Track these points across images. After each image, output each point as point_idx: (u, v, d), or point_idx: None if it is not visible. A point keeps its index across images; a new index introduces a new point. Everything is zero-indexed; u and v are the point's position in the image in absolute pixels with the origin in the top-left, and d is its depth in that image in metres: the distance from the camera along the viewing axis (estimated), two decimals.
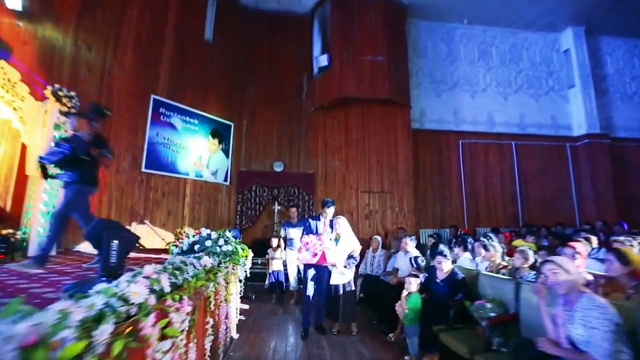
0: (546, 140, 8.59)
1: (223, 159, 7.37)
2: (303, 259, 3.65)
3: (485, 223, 7.85)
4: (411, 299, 3.00)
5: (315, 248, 3.56)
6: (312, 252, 3.56)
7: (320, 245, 3.60)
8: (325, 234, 3.85)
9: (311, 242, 3.59)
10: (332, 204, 3.94)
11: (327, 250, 3.60)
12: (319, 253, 3.55)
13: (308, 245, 3.59)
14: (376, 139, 7.45)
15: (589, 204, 8.25)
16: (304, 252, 3.66)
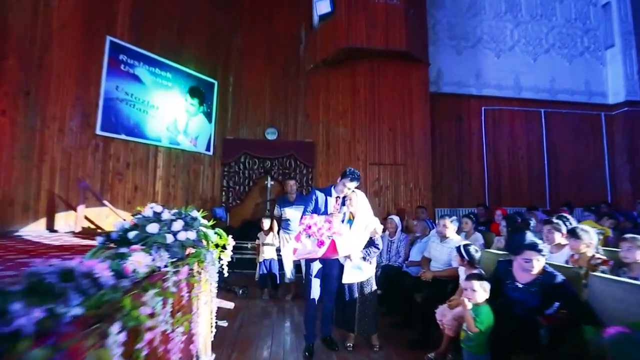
0: (579, 109, 7.50)
1: (205, 123, 6.13)
2: (303, 251, 2.55)
3: (509, 202, 6.85)
4: (480, 315, 1.95)
5: (321, 234, 2.46)
6: (317, 241, 2.46)
7: (328, 230, 2.50)
8: (337, 215, 2.76)
9: (316, 225, 2.49)
10: (357, 178, 2.82)
11: (338, 237, 2.52)
12: (326, 241, 2.45)
13: (310, 230, 2.48)
14: (388, 102, 6.25)
15: (623, 181, 7.30)
16: (304, 239, 2.56)
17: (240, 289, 4.20)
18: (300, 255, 2.55)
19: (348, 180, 2.79)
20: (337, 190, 2.89)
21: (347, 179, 2.80)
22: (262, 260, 4.25)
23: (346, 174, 2.82)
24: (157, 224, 1.67)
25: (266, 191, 6.58)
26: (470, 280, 2.03)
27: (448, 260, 3.03)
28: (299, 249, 2.57)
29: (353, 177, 2.79)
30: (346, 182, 2.80)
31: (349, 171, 2.83)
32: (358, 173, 2.84)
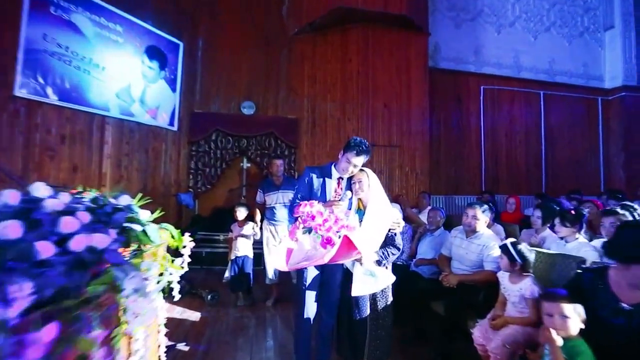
0: (576, 92, 7.12)
1: (167, 93, 5.10)
2: (299, 254, 1.75)
3: (505, 189, 6.40)
4: (578, 355, 1.27)
5: (328, 229, 1.69)
6: (323, 239, 1.69)
7: (336, 223, 1.73)
8: (340, 204, 2.00)
9: (321, 215, 1.71)
10: (367, 150, 2.06)
11: (350, 232, 1.76)
12: (336, 239, 1.68)
13: (314, 222, 1.71)
14: (384, 75, 5.50)
15: (617, 168, 7.07)
16: (301, 236, 1.78)
17: (209, 294, 3.39)
18: (297, 261, 1.76)
19: (354, 153, 2.03)
20: (340, 169, 2.13)
21: (352, 151, 2.03)
22: (234, 257, 3.45)
23: (351, 146, 2.05)
24: (20, 222, 0.82)
25: (242, 175, 5.71)
26: (557, 302, 1.36)
27: (478, 260, 2.38)
28: (294, 251, 1.79)
29: (360, 149, 2.03)
30: (351, 156, 2.03)
31: (355, 141, 2.06)
32: (367, 144, 2.08)
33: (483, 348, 1.93)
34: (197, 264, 4.97)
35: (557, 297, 1.35)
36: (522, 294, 1.89)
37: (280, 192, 3.49)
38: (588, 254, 2.17)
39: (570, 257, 1.98)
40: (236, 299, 3.39)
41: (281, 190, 3.49)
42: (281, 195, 3.48)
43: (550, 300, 1.35)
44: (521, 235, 2.95)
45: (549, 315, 1.34)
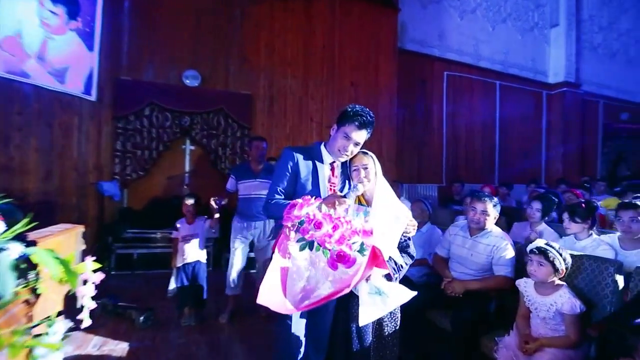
0: (526, 85, 7.40)
1: (80, 50, 3.92)
2: (300, 282, 1.14)
3: (464, 178, 6.40)
4: None
5: (340, 239, 1.09)
6: (332, 255, 1.09)
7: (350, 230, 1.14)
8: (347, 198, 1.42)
9: (328, 220, 1.11)
10: (372, 122, 1.52)
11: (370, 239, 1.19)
12: (356, 255, 1.10)
13: (315, 233, 1.09)
14: (351, 51, 4.96)
15: (555, 161, 7.57)
16: (296, 254, 1.16)
17: (142, 314, 2.57)
18: (299, 293, 1.13)
19: (354, 126, 1.47)
20: (335, 150, 1.54)
21: (351, 124, 1.47)
22: (182, 264, 2.68)
23: (349, 115, 1.48)
24: None
25: (184, 159, 4.78)
26: None
27: (486, 263, 2.00)
28: (290, 276, 1.16)
29: (363, 119, 1.47)
30: (351, 130, 1.47)
31: (354, 110, 1.49)
32: (371, 113, 1.52)
33: None
34: (126, 268, 4.02)
35: None
36: (558, 309, 1.53)
37: (259, 181, 2.78)
38: (606, 253, 1.91)
39: (605, 260, 1.67)
40: (180, 317, 2.64)
41: (260, 179, 2.79)
42: (260, 184, 2.77)
43: None
44: (513, 229, 2.69)
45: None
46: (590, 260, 1.72)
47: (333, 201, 1.31)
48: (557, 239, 2.38)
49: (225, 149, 4.71)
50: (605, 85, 8.44)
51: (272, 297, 1.09)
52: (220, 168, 4.68)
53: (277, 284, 1.12)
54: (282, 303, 1.09)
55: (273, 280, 1.14)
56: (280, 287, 1.12)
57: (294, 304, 1.08)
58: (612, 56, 8.63)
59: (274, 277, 1.14)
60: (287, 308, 1.08)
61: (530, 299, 1.65)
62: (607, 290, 1.62)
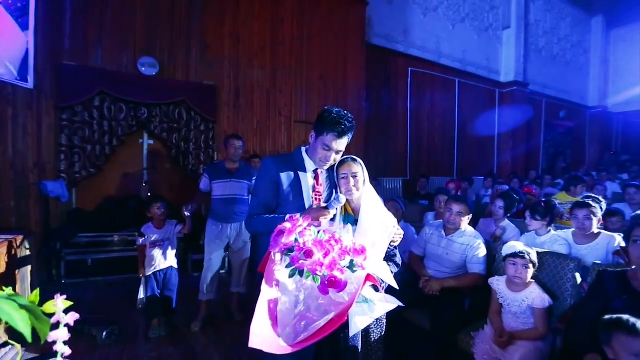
0: (482, 83, 7.85)
1: (10, 29, 3.39)
2: (291, 312, 1.06)
3: (424, 171, 6.68)
4: None
5: (331, 265, 1.03)
6: (324, 280, 1.04)
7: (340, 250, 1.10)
8: (330, 209, 1.37)
9: (319, 247, 1.04)
10: (352, 127, 1.46)
11: (364, 260, 1.16)
12: (351, 280, 1.05)
13: (306, 263, 1.03)
14: (320, 42, 4.87)
15: (505, 153, 8.19)
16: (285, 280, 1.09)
17: (104, 330, 2.34)
18: (291, 325, 1.05)
19: (334, 136, 1.41)
20: (317, 160, 1.48)
21: (331, 133, 1.40)
22: (151, 273, 2.48)
23: (327, 123, 1.41)
24: None
25: (142, 154, 4.42)
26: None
27: (460, 262, 2.09)
28: (280, 306, 1.08)
29: (343, 127, 1.40)
30: (331, 140, 1.42)
31: (332, 116, 1.41)
32: (351, 117, 1.47)
33: None
34: (80, 276, 3.66)
35: None
36: (530, 304, 1.64)
37: (235, 181, 2.63)
38: (562, 248, 2.10)
39: (565, 257, 1.82)
40: (149, 329, 2.45)
41: (235, 179, 2.64)
42: (235, 185, 2.62)
43: (635, 335, 1.05)
44: (479, 225, 2.85)
45: (635, 355, 1.04)
46: (553, 257, 1.87)
47: (316, 216, 1.26)
48: (519, 234, 2.57)
49: (188, 144, 4.41)
50: (547, 86, 9.26)
51: (264, 337, 1.00)
52: (183, 164, 4.39)
53: (267, 321, 1.05)
54: (276, 342, 1.00)
55: (262, 316, 1.05)
56: (270, 324, 1.04)
57: (288, 340, 1.01)
58: (553, 59, 9.45)
59: (263, 313, 1.06)
60: (281, 346, 1.00)
61: (502, 296, 1.75)
62: (568, 285, 1.77)
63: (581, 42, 10.32)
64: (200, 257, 3.14)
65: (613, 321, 1.14)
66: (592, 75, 10.66)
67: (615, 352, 1.10)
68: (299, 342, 1.00)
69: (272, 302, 1.09)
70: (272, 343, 0.99)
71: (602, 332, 1.16)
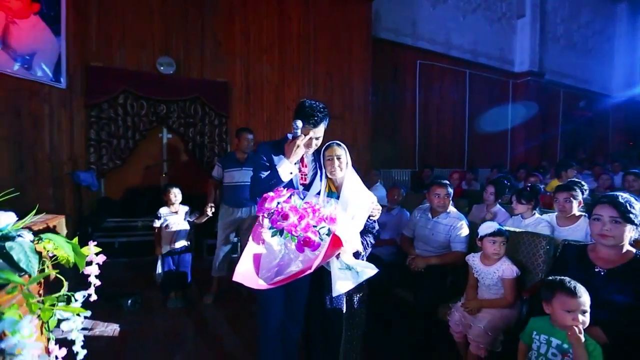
0: (494, 74, 7.77)
1: (46, 35, 3.78)
2: (273, 262, 1.31)
3: (434, 163, 6.75)
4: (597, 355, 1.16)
5: (305, 227, 1.26)
6: (300, 240, 1.26)
7: (314, 216, 1.32)
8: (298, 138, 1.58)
9: (294, 212, 1.28)
10: (325, 116, 1.67)
11: (334, 225, 1.38)
12: (317, 240, 1.27)
13: (283, 224, 1.27)
14: (326, 38, 5.05)
15: (519, 145, 8.09)
16: (269, 240, 1.34)
17: (129, 299, 2.69)
18: (270, 272, 1.31)
19: (310, 126, 1.61)
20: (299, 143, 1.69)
21: (306, 125, 1.60)
22: (168, 252, 2.81)
23: (301, 116, 1.61)
24: None
25: (161, 148, 4.78)
26: (581, 297, 1.21)
27: (445, 241, 2.26)
28: (263, 257, 1.34)
29: (316, 118, 1.60)
30: (309, 130, 1.61)
31: (305, 109, 1.61)
32: (322, 106, 1.67)
33: (460, 335, 1.83)
34: (108, 257, 4.03)
35: (579, 290, 1.22)
36: (500, 275, 1.81)
37: (245, 169, 2.93)
38: (544, 230, 2.22)
39: (540, 235, 1.96)
40: (166, 301, 2.77)
41: (245, 168, 2.93)
42: (245, 173, 2.92)
43: (573, 296, 1.21)
44: (472, 211, 2.99)
45: (569, 312, 1.20)
46: (528, 236, 2.02)
47: (289, 148, 1.53)
48: (508, 218, 2.70)
49: (203, 138, 4.73)
50: (566, 75, 9.01)
51: (246, 275, 1.26)
52: (199, 157, 4.72)
53: (251, 265, 1.30)
54: (255, 280, 1.26)
55: (247, 262, 1.31)
56: (253, 267, 1.30)
57: (267, 280, 1.26)
58: (572, 47, 9.16)
59: (247, 259, 1.32)
60: (260, 284, 1.25)
61: (477, 270, 1.92)
62: (540, 260, 1.92)
63: (604, 29, 9.93)
64: (214, 241, 3.45)
65: (556, 282, 1.30)
66: (617, 64, 10.24)
67: (552, 308, 1.27)
68: (274, 282, 1.24)
69: (257, 255, 1.33)
70: (252, 281, 1.25)
71: (545, 290, 1.33)
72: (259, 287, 1.25)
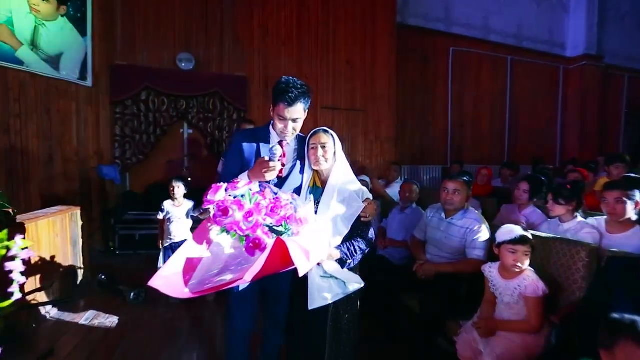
0: (541, 59, 6.95)
1: (73, 36, 3.97)
2: (216, 264, 1.14)
3: (469, 159, 6.21)
4: None
5: (254, 226, 1.06)
6: (249, 241, 1.08)
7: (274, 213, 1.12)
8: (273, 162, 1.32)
9: (238, 207, 1.08)
10: (304, 93, 1.40)
11: (300, 227, 1.17)
12: (269, 242, 1.07)
13: (224, 221, 1.07)
14: (346, 27, 4.78)
15: (572, 138, 7.19)
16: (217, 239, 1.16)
17: (132, 292, 2.69)
18: (205, 277, 1.13)
19: (284, 105, 1.37)
20: (278, 133, 1.49)
21: (281, 102, 1.38)
22: (169, 244, 2.79)
23: (275, 93, 1.40)
24: None
25: (183, 143, 4.84)
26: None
27: (460, 246, 1.94)
28: (204, 260, 1.16)
29: (292, 95, 1.36)
30: (282, 109, 1.38)
31: (281, 85, 1.38)
32: (301, 82, 1.42)
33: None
34: (129, 248, 4.19)
35: None
36: (522, 292, 1.47)
37: None
38: (589, 237, 1.82)
39: (579, 244, 1.59)
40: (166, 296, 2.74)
41: None
42: None
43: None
44: (501, 212, 2.59)
45: None
46: (562, 244, 1.64)
47: (258, 170, 1.29)
48: (545, 221, 2.28)
49: (222, 132, 4.72)
50: (633, 58, 7.83)
51: (170, 280, 1.05)
52: (218, 151, 4.71)
53: (181, 268, 1.10)
54: (180, 287, 1.04)
55: (177, 264, 1.11)
56: (182, 271, 1.09)
57: (193, 288, 1.06)
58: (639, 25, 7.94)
59: (179, 262, 1.12)
60: (184, 293, 1.04)
61: (494, 284, 1.59)
62: (578, 276, 1.54)
63: None
64: None
65: (624, 323, 0.88)
66: None
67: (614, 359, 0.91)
68: (200, 291, 1.05)
69: (193, 259, 1.15)
70: (174, 288, 1.04)
71: (605, 332, 0.92)
72: (181, 296, 1.05)
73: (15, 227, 2.20)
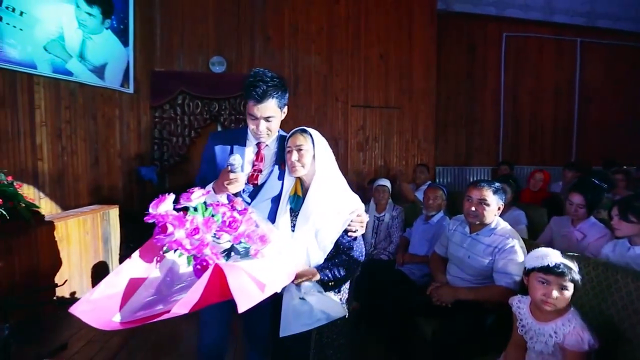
0: (623, 39, 5.85)
1: (116, 47, 4.26)
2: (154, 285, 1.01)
3: (526, 160, 5.47)
4: None
5: (198, 246, 0.92)
6: (196, 262, 0.94)
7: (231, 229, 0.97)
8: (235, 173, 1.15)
9: (179, 223, 0.94)
10: (276, 86, 1.26)
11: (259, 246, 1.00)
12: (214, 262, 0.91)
13: (164, 240, 0.95)
14: (379, 19, 4.47)
15: None
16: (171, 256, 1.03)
17: None
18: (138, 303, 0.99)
19: (253, 102, 1.24)
20: (251, 131, 1.32)
21: (250, 100, 1.25)
22: None
23: (244, 87, 1.27)
24: None
25: None
26: None
27: (487, 268, 1.60)
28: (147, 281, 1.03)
29: (261, 90, 1.21)
30: (251, 106, 1.25)
31: (249, 79, 1.24)
32: (273, 75, 1.27)
33: None
34: None
35: None
36: (558, 341, 1.12)
37: None
38: None
39: None
40: None
41: None
42: None
43: None
44: (550, 225, 2.13)
45: None
46: (630, 276, 1.23)
47: (220, 182, 1.13)
48: (609, 239, 1.81)
49: None
50: None
51: (97, 306, 0.89)
52: None
53: (117, 292, 0.97)
54: (107, 315, 0.88)
55: (112, 288, 0.94)
56: (119, 296, 0.96)
57: (124, 317, 0.91)
58: None
59: (114, 285, 0.95)
60: (112, 322, 0.87)
61: (525, 325, 1.24)
62: None
63: None
64: None
65: None
66: None
67: None
68: (130, 321, 0.90)
69: (137, 279, 1.02)
70: (101, 315, 0.89)
71: None
72: (107, 327, 0.90)
73: (43, 225, 2.36)
